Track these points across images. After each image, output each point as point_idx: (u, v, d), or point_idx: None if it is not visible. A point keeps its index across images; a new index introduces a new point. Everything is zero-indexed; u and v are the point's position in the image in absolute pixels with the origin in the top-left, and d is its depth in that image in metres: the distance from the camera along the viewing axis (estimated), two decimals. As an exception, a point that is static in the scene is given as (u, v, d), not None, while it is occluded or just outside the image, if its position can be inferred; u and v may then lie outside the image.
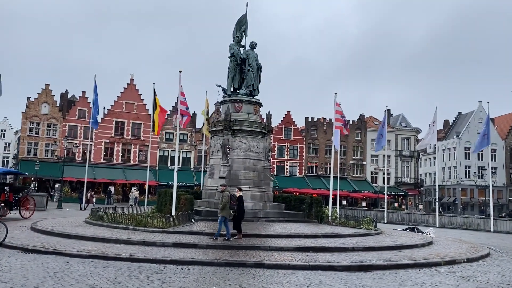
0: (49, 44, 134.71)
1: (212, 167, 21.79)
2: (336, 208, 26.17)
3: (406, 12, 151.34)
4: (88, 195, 34.29)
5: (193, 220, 17.59)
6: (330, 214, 20.86)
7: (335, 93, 21.47)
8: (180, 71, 18.35)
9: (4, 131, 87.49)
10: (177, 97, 18.31)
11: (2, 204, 14.34)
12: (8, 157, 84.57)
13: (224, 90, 22.30)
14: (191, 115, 59.60)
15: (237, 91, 22.29)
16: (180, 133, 62.63)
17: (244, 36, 22.90)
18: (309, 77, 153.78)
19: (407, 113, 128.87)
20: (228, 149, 20.54)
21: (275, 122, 65.23)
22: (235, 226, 14.55)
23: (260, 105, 22.40)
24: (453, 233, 26.47)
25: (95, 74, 32.35)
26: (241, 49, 22.68)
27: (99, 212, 17.95)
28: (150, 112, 62.58)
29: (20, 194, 21.55)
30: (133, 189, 49.29)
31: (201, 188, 26.07)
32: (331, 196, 21.85)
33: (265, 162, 21.60)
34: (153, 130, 32.53)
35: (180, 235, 14.55)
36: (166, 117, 61.30)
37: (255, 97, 22.31)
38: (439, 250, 15.17)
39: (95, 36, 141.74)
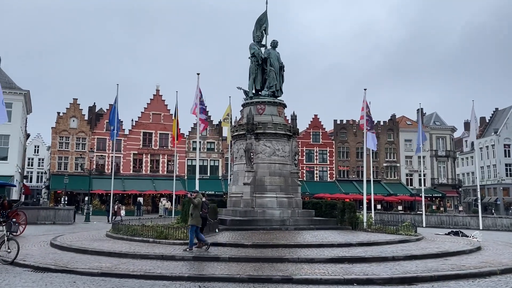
0: (80, 60, 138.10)
1: (236, 174, 20.72)
2: (371, 213, 24.62)
3: (440, 12, 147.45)
4: (116, 207, 33.83)
5: (217, 230, 16.54)
6: (365, 219, 19.36)
7: (365, 89, 20.06)
8: (198, 74, 17.46)
9: (38, 147, 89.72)
10: (194, 102, 17.34)
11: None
12: (42, 173, 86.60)
13: (245, 92, 21.24)
14: (219, 122, 59.09)
15: (259, 92, 21.20)
16: (207, 142, 62.31)
17: (265, 35, 21.83)
18: (342, 82, 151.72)
19: (441, 111, 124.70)
20: (252, 154, 19.44)
21: (304, 126, 64.04)
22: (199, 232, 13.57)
23: (284, 106, 21.22)
24: (500, 236, 24.39)
25: (117, 84, 32.03)
26: (262, 49, 21.61)
27: (119, 225, 17.16)
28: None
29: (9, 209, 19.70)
30: (162, 199, 48.91)
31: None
32: (365, 200, 20.34)
33: (292, 166, 20.36)
34: (176, 139, 32.22)
35: (202, 247, 13.49)
36: (193, 125, 61.78)
37: (278, 98, 21.16)
38: (491, 256, 13.51)
39: (125, 50, 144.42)
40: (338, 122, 64.55)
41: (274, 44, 21.35)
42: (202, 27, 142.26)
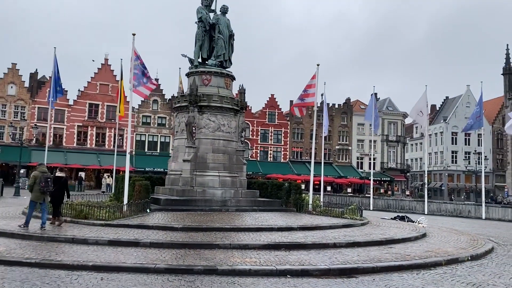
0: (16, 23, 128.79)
1: (176, 149, 19.10)
2: (320, 195, 23.83)
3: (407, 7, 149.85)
4: (50, 181, 31.24)
5: (148, 210, 14.95)
6: (310, 201, 18.39)
7: (318, 65, 18.76)
8: (133, 34, 15.45)
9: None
10: (130, 61, 15.28)
11: None
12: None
13: (191, 60, 19.44)
14: (171, 97, 56.45)
15: (206, 62, 19.48)
16: (158, 117, 59.74)
17: (215, -1, 20.01)
18: (310, 69, 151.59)
19: (394, 97, 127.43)
20: (194, 128, 17.82)
21: (260, 106, 62.58)
22: (53, 210, 12.77)
23: (233, 78, 19.63)
24: (444, 221, 24.43)
25: (55, 48, 29.10)
26: (211, 14, 19.80)
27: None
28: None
29: None
30: (105, 175, 46.37)
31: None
32: (312, 182, 19.34)
33: (238, 143, 18.95)
34: (119, 112, 29.67)
35: (125, 229, 11.92)
36: (143, 99, 58.86)
37: (227, 69, 19.53)
38: (436, 244, 12.84)
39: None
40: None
41: (224, 10, 19.56)
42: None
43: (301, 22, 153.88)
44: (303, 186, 34.39)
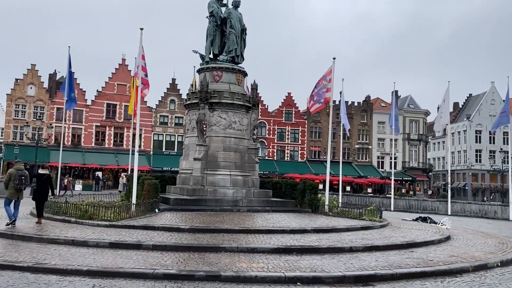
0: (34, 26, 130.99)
1: (187, 147, 18.53)
2: (338, 195, 22.99)
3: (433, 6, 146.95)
4: (65, 181, 31.22)
5: (156, 210, 14.41)
6: (326, 202, 17.56)
7: (334, 58, 17.92)
8: (141, 29, 14.97)
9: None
10: (136, 59, 14.88)
11: None
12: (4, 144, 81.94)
13: (202, 56, 18.87)
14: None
15: (218, 57, 18.87)
16: (176, 116, 59.59)
17: (228, -8, 19.36)
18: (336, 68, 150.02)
19: (416, 95, 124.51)
20: (204, 126, 17.23)
21: (277, 105, 61.71)
22: (37, 207, 12.80)
23: (245, 74, 18.96)
24: (469, 223, 23.26)
25: (69, 47, 28.98)
26: (223, 8, 19.18)
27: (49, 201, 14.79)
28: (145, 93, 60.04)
29: None
30: (123, 174, 46.30)
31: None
32: (328, 181, 18.51)
33: (250, 141, 18.27)
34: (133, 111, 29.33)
35: (129, 230, 11.39)
36: (160, 99, 58.82)
37: (239, 64, 18.88)
38: (461, 248, 11.91)
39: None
40: (312, 101, 62.70)
41: (236, 3, 18.90)
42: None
43: (325, 22, 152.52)
44: (321, 186, 33.49)
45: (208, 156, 17.32)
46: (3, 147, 60.40)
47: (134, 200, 14.23)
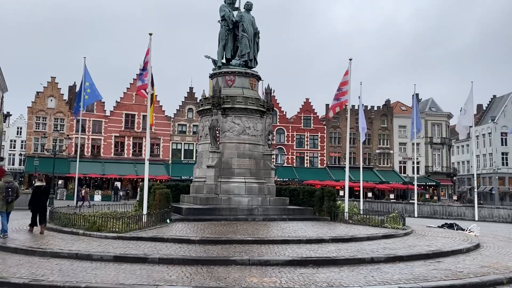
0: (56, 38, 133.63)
1: (200, 155, 18.04)
2: (359, 201, 22.11)
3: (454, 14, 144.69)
4: (83, 191, 31.14)
5: (168, 220, 13.91)
6: (346, 209, 16.77)
7: (350, 59, 17.24)
8: (150, 34, 14.62)
9: (20, 129, 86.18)
10: (142, 64, 14.54)
11: None
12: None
13: (214, 61, 18.42)
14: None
15: (230, 62, 18.40)
16: (194, 125, 59.43)
17: (239, -5, 18.91)
18: (355, 74, 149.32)
19: (437, 97, 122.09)
20: (217, 132, 16.72)
21: (295, 111, 60.97)
22: (32, 218, 13.13)
23: (258, 78, 18.41)
24: (498, 229, 22.03)
25: (84, 57, 29.08)
26: (235, 12, 18.74)
27: (53, 213, 14.50)
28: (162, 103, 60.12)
29: None
30: (141, 184, 46.28)
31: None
32: (347, 188, 17.73)
33: (265, 147, 17.66)
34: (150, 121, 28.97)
35: (137, 242, 10.89)
36: (178, 108, 58.88)
37: (252, 68, 18.36)
38: (493, 257, 11.00)
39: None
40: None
41: (248, 6, 18.43)
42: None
43: (347, 28, 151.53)
44: (341, 193, 32.40)
45: (221, 163, 16.78)
46: (25, 159, 61.36)
47: (145, 210, 13.77)
